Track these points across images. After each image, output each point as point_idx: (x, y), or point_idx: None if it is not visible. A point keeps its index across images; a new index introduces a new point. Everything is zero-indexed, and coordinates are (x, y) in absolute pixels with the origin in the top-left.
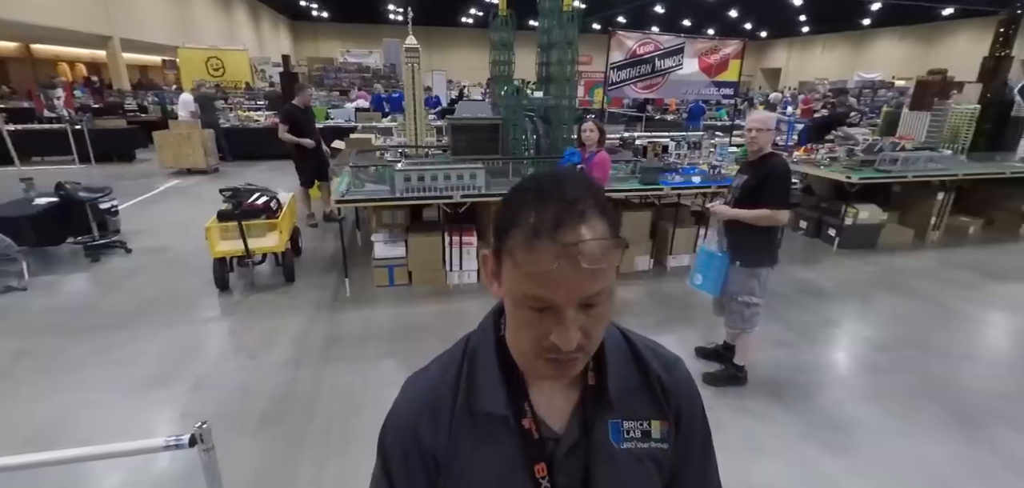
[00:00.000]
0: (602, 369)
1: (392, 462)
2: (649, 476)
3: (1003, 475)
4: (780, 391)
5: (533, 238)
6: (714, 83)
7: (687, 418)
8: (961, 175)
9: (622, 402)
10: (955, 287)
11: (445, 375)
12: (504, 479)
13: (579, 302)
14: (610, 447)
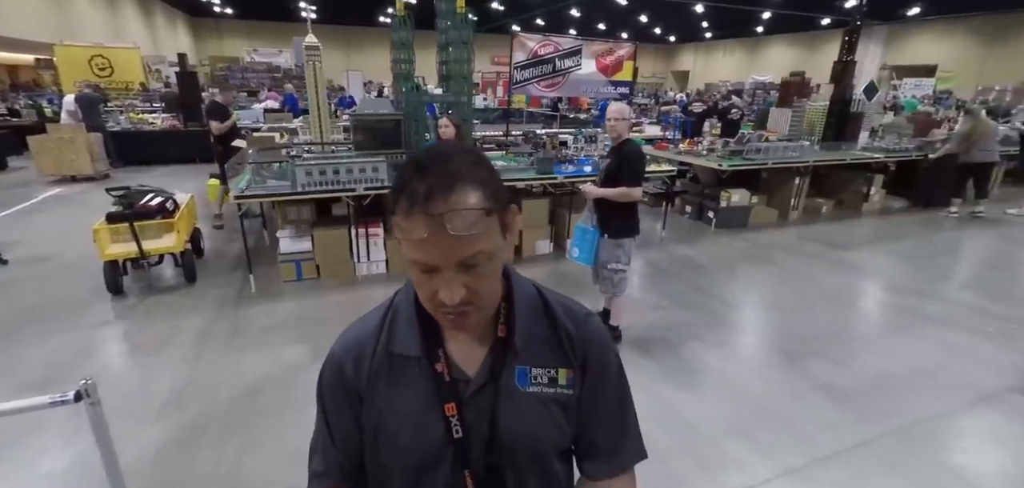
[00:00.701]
0: (511, 321)
1: (326, 399)
2: (553, 417)
3: (811, 394)
4: (649, 346)
5: (408, 209)
6: (611, 82)
7: (595, 367)
8: (812, 162)
9: (530, 350)
10: (805, 256)
11: (371, 323)
12: (418, 415)
13: (458, 264)
14: (515, 389)
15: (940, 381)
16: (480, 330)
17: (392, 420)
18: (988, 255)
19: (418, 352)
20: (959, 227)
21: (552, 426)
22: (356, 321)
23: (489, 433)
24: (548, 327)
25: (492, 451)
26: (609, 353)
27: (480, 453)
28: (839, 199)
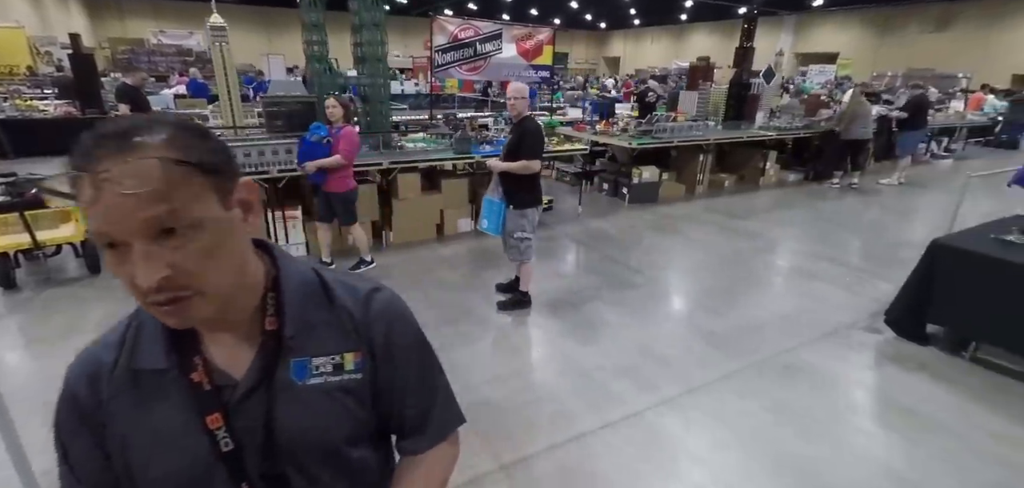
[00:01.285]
0: (281, 310)
1: (62, 434)
2: (342, 406)
3: (690, 338)
4: (557, 308)
5: (74, 171)
6: (532, 66)
7: (386, 344)
8: (713, 140)
9: (308, 339)
10: (705, 225)
11: (110, 337)
12: (174, 436)
13: (149, 234)
14: (293, 385)
15: (799, 323)
16: (236, 325)
17: (140, 447)
18: (856, 219)
19: (165, 364)
20: (838, 196)
21: (342, 416)
22: (93, 341)
23: (265, 438)
24: (328, 311)
25: (271, 457)
26: (402, 326)
27: (257, 462)
28: (741, 174)
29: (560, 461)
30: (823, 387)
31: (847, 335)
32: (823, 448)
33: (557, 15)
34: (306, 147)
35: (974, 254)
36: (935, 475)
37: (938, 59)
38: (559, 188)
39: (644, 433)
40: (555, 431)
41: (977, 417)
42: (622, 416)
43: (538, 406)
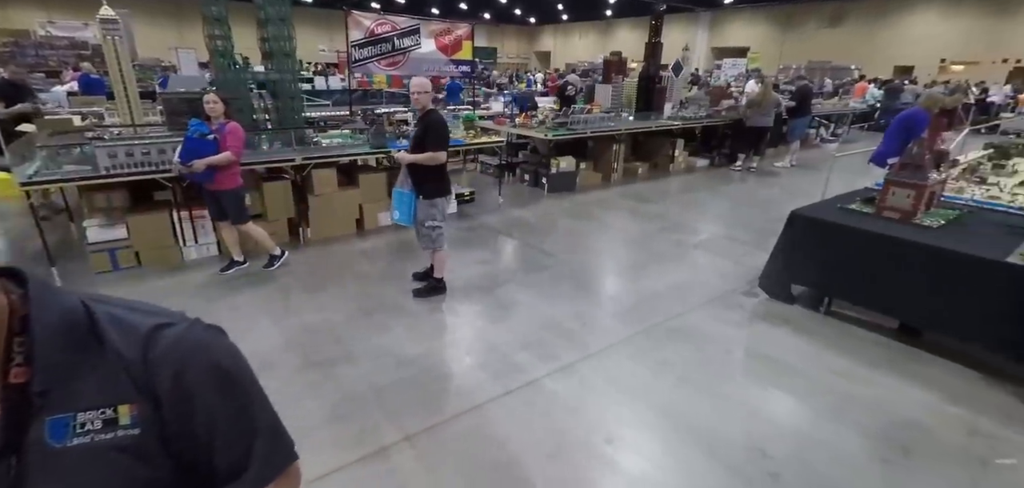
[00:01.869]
0: (30, 359)
1: None
2: (117, 468)
3: (591, 311)
4: (471, 292)
5: None
6: (452, 61)
7: (174, 388)
8: (624, 131)
9: (68, 392)
10: (617, 210)
11: None
12: None
13: None
14: (49, 449)
15: (689, 291)
16: None
17: None
18: (750, 198)
19: None
20: (739, 179)
21: (117, 480)
22: None
23: None
24: (97, 354)
25: None
26: (199, 364)
27: None
28: (654, 162)
29: (463, 427)
30: (702, 345)
31: (728, 300)
32: (696, 394)
33: (487, 9)
34: (190, 145)
35: (823, 222)
36: (783, 406)
37: (833, 52)
38: (483, 180)
39: (542, 396)
40: (460, 401)
41: (824, 359)
42: (522, 383)
43: (445, 381)
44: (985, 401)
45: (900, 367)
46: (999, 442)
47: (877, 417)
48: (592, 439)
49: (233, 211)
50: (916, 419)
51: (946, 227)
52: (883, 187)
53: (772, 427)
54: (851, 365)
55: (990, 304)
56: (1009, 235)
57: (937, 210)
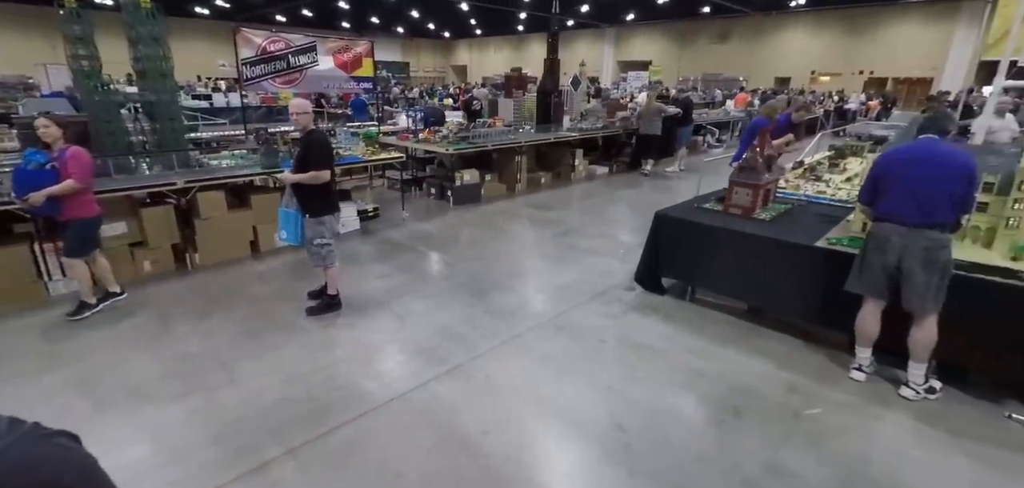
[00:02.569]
0: None
1: None
2: None
3: (484, 315)
4: (366, 306)
5: None
6: (353, 78)
7: None
8: (524, 143)
9: None
10: (519, 218)
11: None
12: None
13: None
14: None
15: (575, 290)
16: None
17: None
18: (639, 201)
19: None
20: (630, 184)
21: None
22: None
23: None
24: None
25: None
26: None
27: None
28: (557, 171)
29: (347, 435)
30: (581, 337)
31: (609, 295)
32: (570, 382)
33: (400, 24)
34: (23, 178)
35: (682, 221)
36: (642, 385)
37: (723, 65)
38: (390, 196)
39: (428, 398)
40: (347, 412)
41: (683, 340)
42: (411, 388)
43: (333, 394)
44: (804, 364)
45: (744, 342)
46: (811, 396)
47: (718, 386)
48: (470, 432)
49: (70, 242)
50: (750, 385)
51: (777, 219)
52: (728, 187)
53: (630, 404)
54: (704, 344)
55: (805, 282)
56: (824, 223)
57: (773, 205)
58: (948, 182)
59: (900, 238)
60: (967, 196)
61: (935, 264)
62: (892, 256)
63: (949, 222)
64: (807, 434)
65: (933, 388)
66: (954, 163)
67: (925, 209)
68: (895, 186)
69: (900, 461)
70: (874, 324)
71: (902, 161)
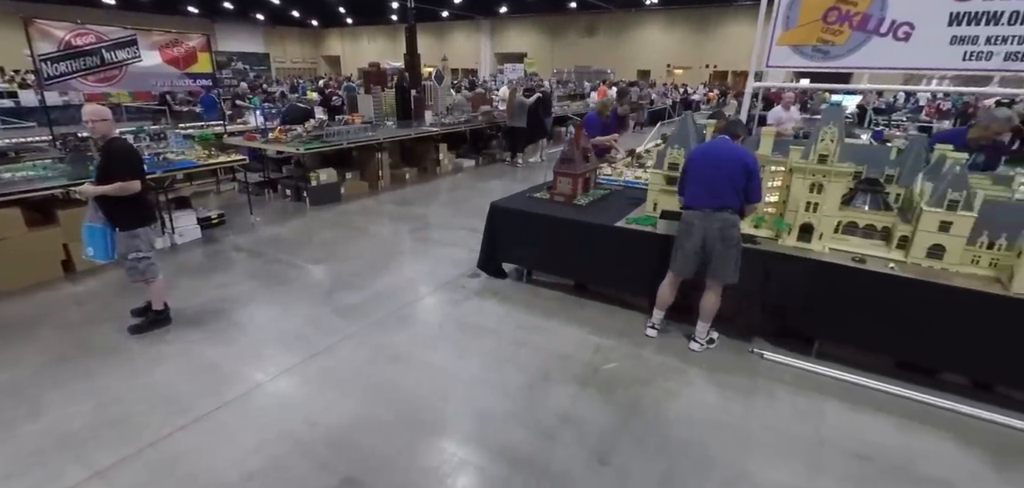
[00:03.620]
0: None
1: None
2: None
3: (327, 315)
4: (203, 318)
5: None
6: (187, 75)
7: None
8: (383, 140)
9: None
10: (379, 216)
11: None
12: None
13: None
14: None
15: (423, 281)
16: None
17: None
18: (498, 192)
19: None
20: (497, 174)
21: None
22: None
23: None
24: None
25: None
26: None
27: None
28: (423, 165)
29: (166, 449)
30: (422, 325)
31: (455, 283)
32: (404, 368)
33: (259, 10)
34: None
35: (512, 210)
36: (472, 361)
37: (593, 58)
38: (240, 200)
39: (257, 402)
40: (166, 426)
41: (515, 317)
42: (240, 393)
43: (153, 411)
44: (612, 327)
45: (567, 314)
46: (612, 353)
47: (537, 355)
48: (295, 427)
49: None
50: (564, 350)
51: (592, 204)
52: (553, 178)
53: (457, 380)
54: (533, 319)
55: (611, 257)
56: (631, 205)
57: (593, 191)
58: (732, 174)
59: (701, 221)
60: (748, 185)
61: (730, 240)
62: (697, 237)
63: (736, 206)
64: (601, 385)
65: (713, 339)
66: (737, 159)
67: (717, 195)
68: (695, 179)
69: (665, 396)
70: (671, 293)
71: (700, 158)
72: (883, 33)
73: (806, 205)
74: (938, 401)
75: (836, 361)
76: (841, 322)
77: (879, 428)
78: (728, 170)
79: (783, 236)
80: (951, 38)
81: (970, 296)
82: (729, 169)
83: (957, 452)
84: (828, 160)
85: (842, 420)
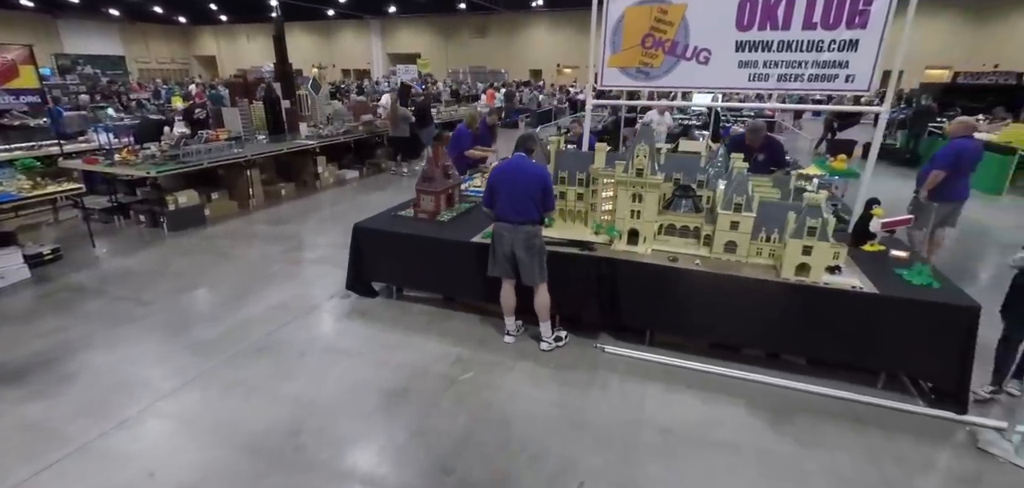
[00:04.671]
0: None
1: None
2: None
3: (175, 353)
4: (25, 372)
5: None
6: (8, 91)
7: None
8: (251, 156)
9: None
10: (247, 238)
11: None
12: None
13: None
14: None
15: (288, 308)
16: None
17: None
18: (383, 203)
19: None
20: (381, 186)
21: None
22: None
23: None
24: None
25: None
26: None
27: None
28: (302, 179)
29: None
30: (282, 356)
31: (323, 306)
32: (258, 403)
33: (113, 6)
34: None
35: (376, 230)
36: (330, 387)
37: (487, 59)
38: (84, 230)
39: (91, 459)
40: None
41: (381, 338)
42: (64, 455)
43: None
44: (473, 337)
45: (434, 328)
46: (471, 362)
47: (399, 373)
48: (134, 481)
49: None
50: (424, 365)
51: (456, 219)
52: (416, 195)
53: (313, 409)
54: (399, 337)
55: (467, 270)
56: (491, 219)
57: (458, 206)
58: (531, 189)
59: (509, 233)
60: (543, 198)
61: (533, 248)
62: (507, 246)
63: (536, 218)
64: (456, 395)
65: (560, 337)
66: (534, 175)
67: (519, 210)
68: (500, 194)
69: (513, 398)
70: (511, 298)
71: (502, 174)
72: (689, 58)
73: (630, 212)
74: (737, 373)
75: (665, 347)
76: (663, 314)
77: (687, 403)
78: (526, 187)
79: (615, 242)
80: (739, 62)
81: (752, 283)
82: (527, 186)
83: (746, 416)
84: (643, 173)
85: (659, 400)
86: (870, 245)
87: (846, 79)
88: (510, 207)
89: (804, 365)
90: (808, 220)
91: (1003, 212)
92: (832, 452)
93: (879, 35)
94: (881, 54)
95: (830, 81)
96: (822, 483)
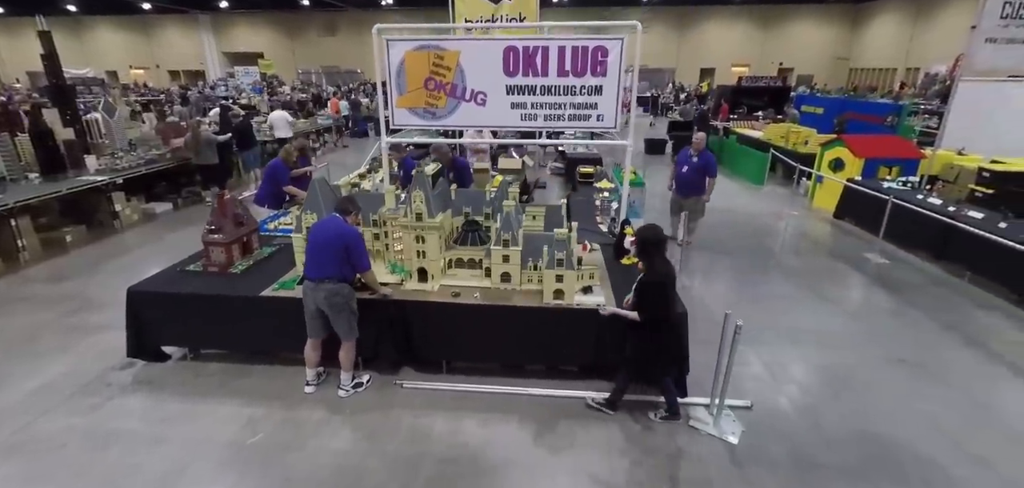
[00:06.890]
0: None
1: None
2: None
3: None
4: None
5: None
6: None
7: None
8: (13, 204)
9: None
10: (8, 306)
11: None
12: None
13: None
14: None
15: (55, 388)
16: None
17: None
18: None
19: None
20: (196, 220)
21: None
22: None
23: None
24: None
25: None
26: None
27: None
28: (98, 220)
29: None
30: (36, 452)
31: (101, 381)
32: None
33: None
34: None
35: (156, 294)
36: (94, 482)
37: (339, 58)
38: None
39: None
40: None
41: (164, 410)
42: None
43: None
44: (271, 392)
45: (227, 388)
46: (262, 421)
47: (178, 448)
48: None
49: None
50: (209, 434)
51: (252, 268)
52: (204, 247)
53: None
54: (185, 405)
55: (262, 324)
56: (292, 263)
57: (257, 252)
58: (332, 246)
59: (311, 291)
60: (351, 258)
61: (336, 306)
62: (311, 303)
63: (342, 276)
64: (243, 461)
65: (360, 383)
66: (337, 236)
67: (320, 267)
68: (308, 253)
69: (301, 452)
70: (314, 354)
71: (313, 233)
72: (467, 100)
73: (416, 253)
74: (519, 390)
75: (461, 374)
76: (452, 345)
77: (468, 430)
78: (326, 243)
79: (406, 281)
80: (511, 104)
81: (520, 310)
82: (327, 243)
83: (517, 432)
84: (422, 217)
85: (445, 430)
86: (627, 259)
87: (597, 118)
88: (313, 264)
89: (577, 371)
90: (556, 253)
91: (762, 199)
92: (583, 450)
93: (616, 81)
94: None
95: (586, 120)
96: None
